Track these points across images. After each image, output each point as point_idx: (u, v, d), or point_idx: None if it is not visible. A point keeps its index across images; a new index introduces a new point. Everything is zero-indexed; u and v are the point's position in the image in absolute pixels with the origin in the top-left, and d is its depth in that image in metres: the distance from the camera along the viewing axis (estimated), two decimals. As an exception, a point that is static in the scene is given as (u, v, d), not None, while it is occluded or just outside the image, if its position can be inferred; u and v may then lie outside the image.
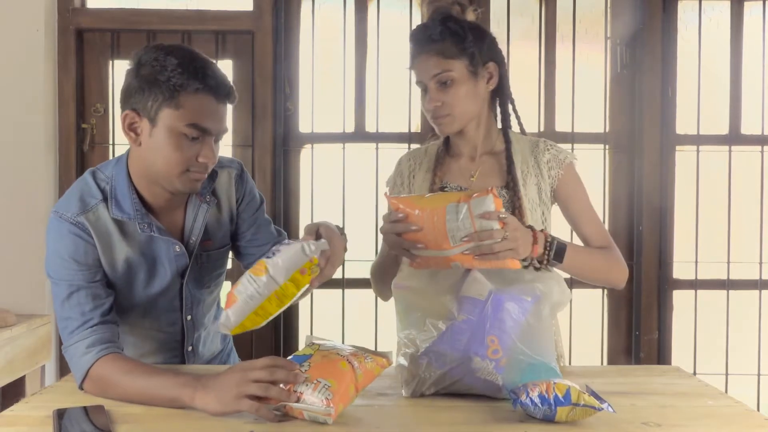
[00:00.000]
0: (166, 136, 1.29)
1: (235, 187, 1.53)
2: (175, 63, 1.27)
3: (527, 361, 1.23)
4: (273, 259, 1.18)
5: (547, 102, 2.72)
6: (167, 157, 1.31)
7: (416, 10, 2.70)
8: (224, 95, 1.32)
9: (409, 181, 1.66)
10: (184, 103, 1.28)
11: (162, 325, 1.51)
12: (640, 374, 1.48)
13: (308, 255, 1.19)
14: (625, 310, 2.75)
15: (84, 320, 1.31)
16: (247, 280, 1.17)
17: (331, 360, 1.18)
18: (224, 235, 1.53)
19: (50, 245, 1.37)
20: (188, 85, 1.27)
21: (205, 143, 1.31)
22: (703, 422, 1.16)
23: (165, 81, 1.27)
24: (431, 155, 1.67)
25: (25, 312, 2.50)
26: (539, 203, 1.58)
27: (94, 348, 1.29)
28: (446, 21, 1.53)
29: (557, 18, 2.73)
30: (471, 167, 1.62)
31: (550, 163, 1.60)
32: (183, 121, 1.28)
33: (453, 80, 1.51)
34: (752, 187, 2.72)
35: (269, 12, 2.67)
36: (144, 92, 1.29)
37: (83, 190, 1.39)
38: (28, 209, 2.58)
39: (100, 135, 2.72)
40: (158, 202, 1.41)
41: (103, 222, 1.37)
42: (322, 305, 2.72)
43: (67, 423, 1.10)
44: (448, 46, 1.51)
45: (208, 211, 1.47)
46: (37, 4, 2.58)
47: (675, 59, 2.70)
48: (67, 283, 1.34)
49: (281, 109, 2.69)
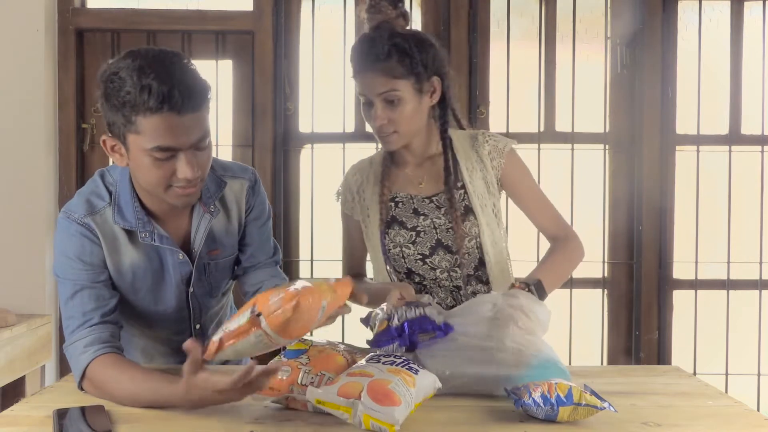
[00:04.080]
0: (140, 158, 1.26)
1: (246, 197, 1.50)
2: (129, 83, 1.20)
3: (540, 357, 1.24)
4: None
5: (547, 102, 2.72)
6: (146, 176, 1.28)
7: (416, 10, 2.70)
8: (185, 106, 1.21)
9: (359, 196, 1.67)
10: (142, 128, 1.22)
11: (171, 333, 1.51)
12: (640, 374, 1.48)
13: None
14: (625, 310, 2.75)
15: (85, 320, 1.31)
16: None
17: (328, 354, 1.21)
18: (233, 244, 1.50)
19: (57, 245, 1.37)
20: (141, 107, 1.20)
21: (179, 159, 1.25)
22: (703, 422, 1.16)
23: (121, 106, 1.22)
24: (377, 165, 1.68)
25: (25, 312, 2.50)
26: (489, 196, 1.60)
27: (91, 347, 1.29)
28: (393, 37, 1.50)
29: (557, 18, 2.73)
30: (417, 174, 1.64)
31: (491, 153, 1.61)
32: (147, 144, 1.23)
33: (399, 99, 1.50)
34: (752, 187, 2.72)
35: (269, 12, 2.67)
36: (110, 116, 1.26)
37: (92, 191, 1.40)
38: (28, 209, 2.58)
39: (100, 135, 2.70)
40: (161, 210, 1.39)
41: (110, 225, 1.37)
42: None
43: (67, 423, 1.10)
44: (394, 66, 1.49)
45: (212, 221, 1.44)
46: (37, 4, 2.58)
47: (675, 59, 2.70)
48: (71, 282, 1.34)
49: (281, 109, 2.69)
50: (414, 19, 2.69)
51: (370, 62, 1.50)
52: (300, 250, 2.76)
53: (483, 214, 1.58)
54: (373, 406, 1.07)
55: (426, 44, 1.54)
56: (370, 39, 1.53)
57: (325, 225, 2.67)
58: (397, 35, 1.51)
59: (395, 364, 1.17)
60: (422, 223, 1.59)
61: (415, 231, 1.59)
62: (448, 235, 1.58)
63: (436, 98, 1.57)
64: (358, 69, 1.53)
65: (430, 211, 1.60)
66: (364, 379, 1.10)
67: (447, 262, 1.59)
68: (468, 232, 1.58)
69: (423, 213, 1.60)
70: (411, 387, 1.12)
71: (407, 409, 1.10)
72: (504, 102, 2.67)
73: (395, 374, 1.13)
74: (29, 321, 2.40)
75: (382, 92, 1.50)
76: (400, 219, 1.61)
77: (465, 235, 1.57)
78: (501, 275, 1.61)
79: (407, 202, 1.62)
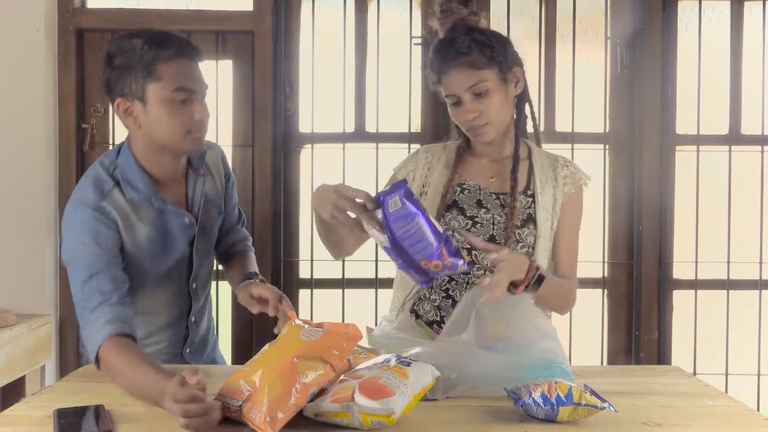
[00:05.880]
0: (159, 108, 1.41)
1: (223, 165, 1.67)
2: (141, 42, 1.40)
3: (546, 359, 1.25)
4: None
5: (547, 102, 2.72)
6: (167, 125, 1.42)
7: (416, 10, 2.70)
8: (194, 54, 1.44)
9: (423, 173, 1.68)
10: (163, 73, 1.40)
11: (171, 294, 1.59)
12: (640, 374, 1.49)
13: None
14: (625, 310, 2.75)
15: (104, 299, 1.39)
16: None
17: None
18: (221, 206, 1.66)
19: (69, 233, 1.45)
20: (160, 56, 1.39)
21: (194, 102, 1.42)
22: (703, 422, 1.16)
23: (138, 61, 1.39)
24: (450, 152, 1.69)
25: (25, 312, 2.50)
26: (552, 213, 1.62)
27: (111, 324, 1.35)
28: (471, 32, 1.55)
29: (557, 18, 2.73)
30: (492, 169, 1.65)
31: (566, 178, 1.65)
32: (168, 88, 1.40)
33: (488, 90, 1.53)
34: (752, 187, 2.72)
35: (269, 12, 2.67)
36: (124, 78, 1.41)
37: (96, 178, 1.48)
38: (28, 209, 2.57)
39: (100, 135, 2.72)
40: (164, 176, 1.51)
41: (120, 204, 1.47)
42: (323, 305, 2.72)
43: (67, 423, 1.10)
44: (478, 57, 1.53)
45: (205, 183, 1.59)
46: (37, 4, 2.58)
47: (675, 59, 2.70)
48: (87, 267, 1.41)
49: (281, 109, 2.69)
50: (414, 19, 2.69)
51: (453, 59, 1.53)
52: (300, 250, 2.76)
53: (543, 227, 1.60)
54: (368, 403, 1.07)
55: (502, 38, 1.59)
56: (449, 40, 1.56)
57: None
58: (474, 30, 1.56)
59: (388, 362, 1.17)
60: (483, 215, 1.60)
61: (472, 220, 1.60)
62: (503, 234, 1.58)
63: (520, 88, 1.60)
64: (442, 70, 1.55)
65: (493, 207, 1.61)
66: (355, 381, 1.11)
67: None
68: (523, 239, 1.58)
69: (486, 206, 1.61)
70: (404, 378, 1.12)
71: (404, 399, 1.10)
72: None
73: (385, 370, 1.14)
74: (29, 321, 2.40)
75: (470, 86, 1.52)
76: (462, 205, 1.61)
77: (519, 240, 1.58)
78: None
79: (473, 191, 1.63)
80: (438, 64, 1.56)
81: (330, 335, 1.18)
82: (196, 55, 1.45)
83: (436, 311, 1.61)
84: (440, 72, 1.56)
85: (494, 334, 1.32)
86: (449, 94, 1.55)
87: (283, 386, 1.08)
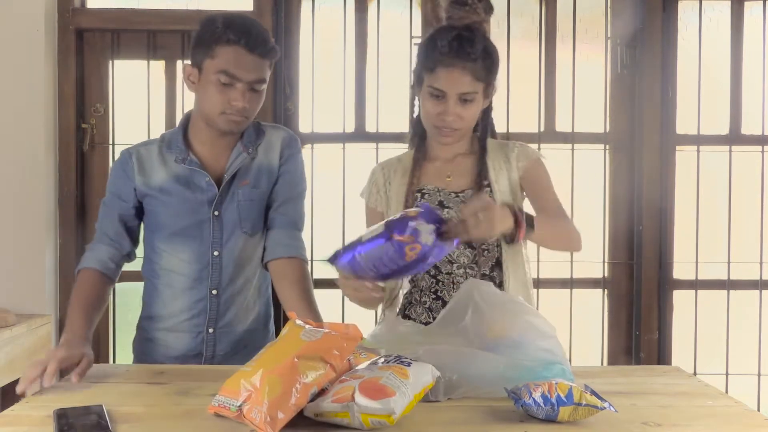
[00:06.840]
0: (206, 83, 1.56)
1: (282, 146, 1.70)
2: (220, 23, 1.55)
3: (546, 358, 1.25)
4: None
5: (547, 102, 2.72)
6: (206, 100, 1.58)
7: (416, 10, 2.70)
8: (256, 47, 1.54)
9: (385, 189, 1.70)
10: (217, 54, 1.54)
11: (191, 256, 1.65)
12: (640, 374, 1.48)
13: None
14: (625, 310, 2.75)
15: (100, 234, 1.66)
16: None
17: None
18: (266, 184, 1.67)
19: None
20: (222, 38, 1.53)
21: (236, 89, 1.55)
22: (703, 422, 1.16)
23: (208, 37, 1.55)
24: (406, 161, 1.71)
25: (25, 312, 2.50)
26: (511, 194, 1.63)
27: (92, 260, 1.63)
28: (484, 41, 1.56)
29: (557, 18, 2.73)
30: (447, 168, 1.67)
31: (518, 156, 1.65)
32: (216, 68, 1.54)
33: (474, 99, 1.56)
34: (752, 187, 2.72)
35: (269, 12, 2.66)
36: (196, 48, 1.58)
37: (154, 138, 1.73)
38: (28, 209, 2.57)
39: (100, 135, 2.71)
40: (208, 141, 1.65)
41: (149, 153, 1.67)
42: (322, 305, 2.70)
43: (67, 423, 1.10)
44: (481, 69, 1.54)
45: (247, 159, 1.66)
46: (37, 4, 2.58)
47: (675, 59, 2.70)
48: (104, 205, 1.68)
49: (281, 109, 2.69)
50: (414, 19, 2.69)
51: (460, 60, 1.53)
52: (300, 250, 2.75)
53: None
54: (368, 403, 1.07)
55: (497, 51, 1.61)
56: (464, 37, 1.54)
57: (326, 225, 2.67)
58: (486, 39, 1.58)
59: (388, 362, 1.17)
60: (446, 215, 1.60)
61: None
62: None
63: (488, 102, 1.64)
64: (444, 62, 1.53)
65: (455, 205, 1.62)
66: (355, 381, 1.11)
67: (466, 257, 1.61)
68: None
69: (448, 206, 1.62)
70: (405, 378, 1.12)
71: (404, 399, 1.10)
72: (504, 102, 2.66)
73: (385, 370, 1.14)
74: (29, 321, 2.40)
75: (464, 91, 1.54)
76: None
77: None
78: (515, 276, 1.62)
79: (434, 194, 1.64)
80: (443, 54, 1.53)
81: (330, 335, 1.18)
82: (257, 48, 1.54)
83: (428, 313, 1.63)
84: (440, 63, 1.54)
85: (494, 334, 1.32)
86: (438, 88, 1.54)
87: (283, 386, 1.08)
